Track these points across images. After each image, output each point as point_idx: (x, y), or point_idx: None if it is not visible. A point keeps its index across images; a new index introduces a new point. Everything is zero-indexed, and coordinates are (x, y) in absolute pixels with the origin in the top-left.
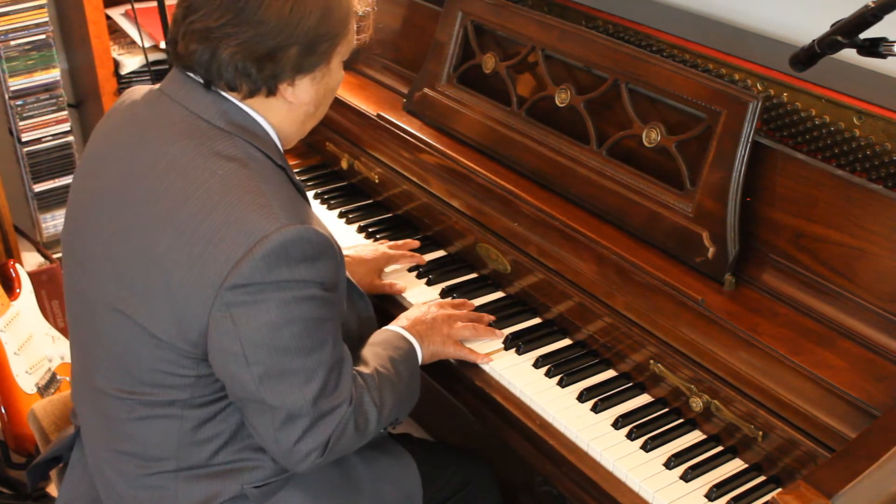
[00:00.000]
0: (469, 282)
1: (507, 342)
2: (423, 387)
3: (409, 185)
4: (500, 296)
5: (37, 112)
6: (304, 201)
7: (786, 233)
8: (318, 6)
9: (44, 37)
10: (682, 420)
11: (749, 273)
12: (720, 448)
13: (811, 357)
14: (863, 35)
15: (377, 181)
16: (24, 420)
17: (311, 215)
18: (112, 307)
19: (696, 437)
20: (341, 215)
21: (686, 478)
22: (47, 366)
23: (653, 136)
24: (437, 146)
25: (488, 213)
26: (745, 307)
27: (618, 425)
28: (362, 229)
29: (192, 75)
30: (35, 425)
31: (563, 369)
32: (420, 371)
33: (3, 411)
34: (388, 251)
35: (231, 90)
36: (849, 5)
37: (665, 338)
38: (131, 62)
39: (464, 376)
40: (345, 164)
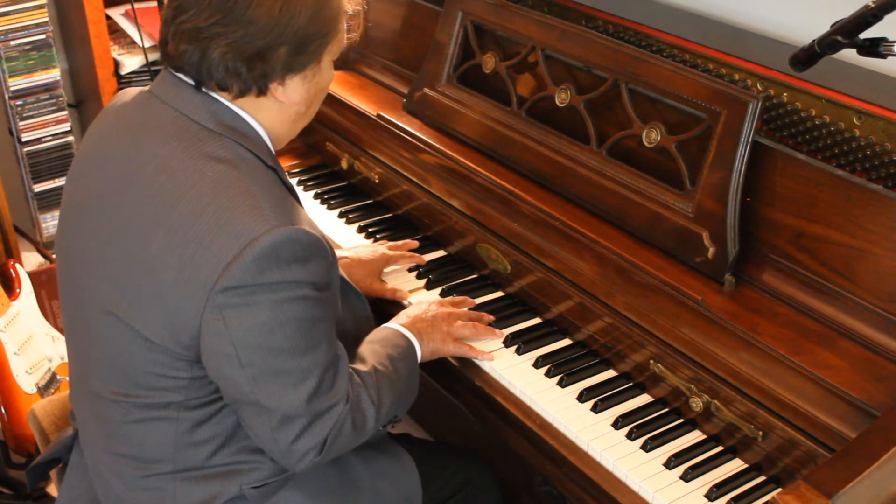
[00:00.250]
0: (469, 282)
1: (507, 342)
2: (423, 387)
3: (409, 185)
4: (500, 296)
5: (37, 112)
6: (296, 202)
7: (786, 233)
8: (308, 6)
9: (44, 37)
10: (682, 420)
11: (749, 273)
12: (720, 448)
13: (811, 357)
14: (863, 35)
15: (377, 181)
16: (24, 420)
17: (303, 216)
18: (105, 310)
19: (696, 437)
20: (341, 215)
21: (686, 478)
22: (47, 366)
23: (653, 136)
24: (437, 146)
25: (488, 213)
26: (745, 307)
27: (618, 425)
28: (362, 229)
29: (181, 77)
30: (35, 425)
31: (563, 369)
32: (419, 370)
33: (3, 411)
34: (388, 252)
35: (222, 90)
36: (849, 5)
37: (665, 338)
38: (131, 62)
39: (464, 376)
40: (345, 164)
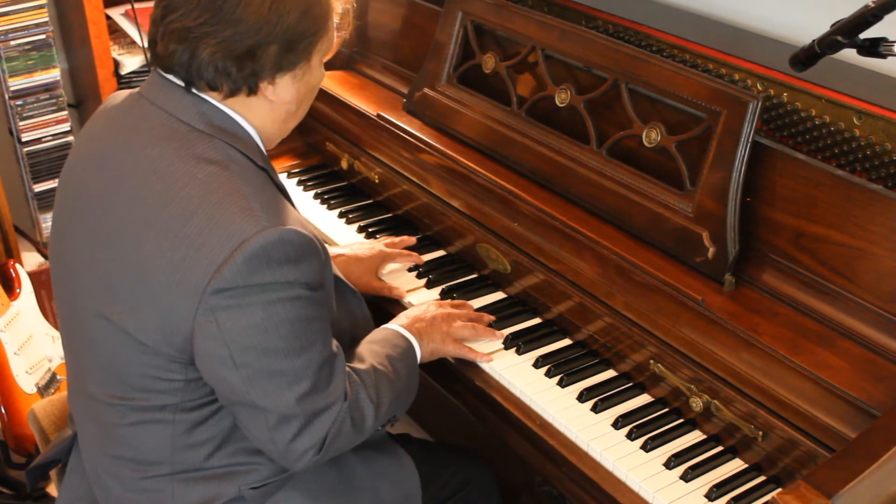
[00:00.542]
0: (469, 282)
1: (507, 342)
2: (423, 387)
3: (409, 185)
4: (500, 296)
5: (37, 112)
6: (288, 202)
7: (786, 233)
8: (298, 4)
9: (44, 37)
10: (682, 420)
11: (749, 273)
12: (720, 448)
13: (811, 357)
14: (863, 35)
15: (377, 181)
16: (24, 420)
17: (294, 216)
18: (98, 314)
19: (696, 437)
20: (341, 215)
21: (686, 478)
22: (47, 366)
23: (653, 136)
24: (437, 146)
25: (488, 213)
26: (745, 307)
27: (618, 425)
28: (362, 229)
29: (171, 78)
30: (35, 425)
31: (563, 369)
32: (419, 370)
33: (3, 411)
34: (385, 249)
35: (212, 90)
36: (849, 5)
37: (665, 338)
38: (131, 62)
39: (464, 376)
40: (345, 164)
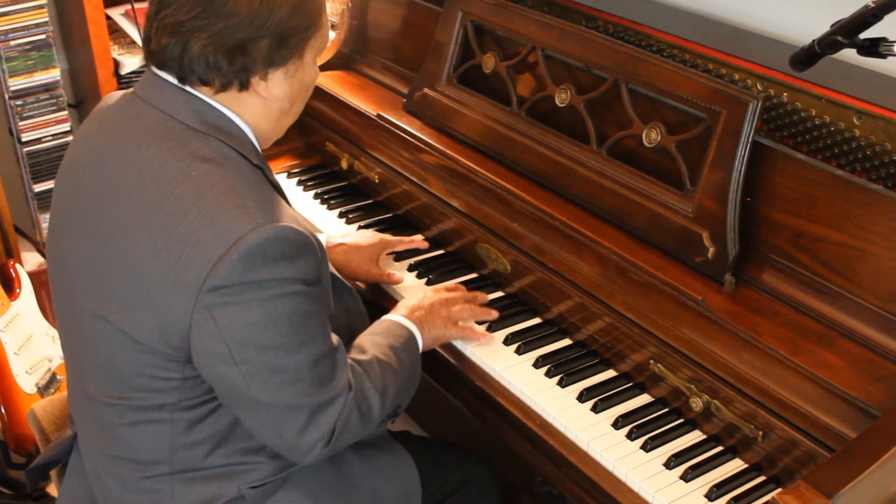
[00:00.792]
0: (469, 282)
1: (507, 342)
2: (423, 387)
3: (409, 185)
4: (499, 296)
5: (37, 112)
6: (283, 200)
7: (786, 233)
8: None
9: (44, 37)
10: (682, 420)
11: (749, 273)
12: (720, 448)
13: (811, 357)
14: (863, 35)
15: (377, 181)
16: (24, 420)
17: (289, 213)
18: (95, 314)
19: (696, 437)
20: (341, 215)
21: (686, 478)
22: (47, 366)
23: (653, 136)
24: (437, 146)
25: (488, 213)
26: (745, 307)
27: (618, 425)
28: (362, 229)
29: (164, 76)
30: (35, 425)
31: (563, 369)
32: (421, 361)
33: (3, 411)
34: (386, 238)
35: (203, 85)
36: (849, 5)
37: (665, 338)
38: (131, 62)
39: (464, 376)
40: (345, 164)
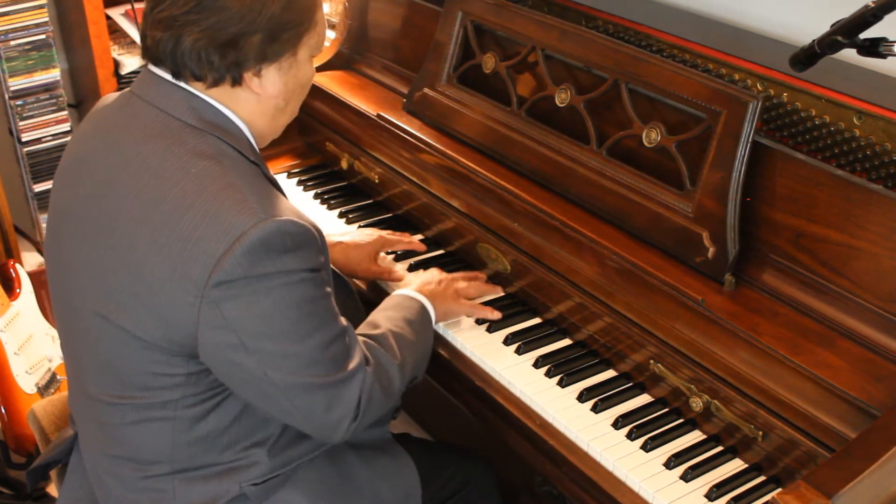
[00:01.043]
0: None
1: (507, 342)
2: (423, 386)
3: (409, 185)
4: (500, 295)
5: (37, 112)
6: (280, 194)
7: (786, 233)
8: None
9: (44, 37)
10: (682, 420)
11: (749, 273)
12: (720, 448)
13: (811, 357)
14: (863, 35)
15: (377, 181)
16: (24, 420)
17: (290, 206)
18: (96, 313)
19: (696, 437)
20: (341, 215)
21: (686, 478)
22: (47, 366)
23: (653, 136)
24: (437, 146)
25: (488, 213)
26: (745, 307)
27: (618, 425)
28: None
29: (161, 73)
30: (35, 425)
31: (563, 369)
32: (433, 334)
33: (3, 411)
34: (385, 235)
35: (196, 80)
36: (849, 5)
37: (665, 338)
38: (131, 62)
39: (464, 376)
40: (345, 164)
